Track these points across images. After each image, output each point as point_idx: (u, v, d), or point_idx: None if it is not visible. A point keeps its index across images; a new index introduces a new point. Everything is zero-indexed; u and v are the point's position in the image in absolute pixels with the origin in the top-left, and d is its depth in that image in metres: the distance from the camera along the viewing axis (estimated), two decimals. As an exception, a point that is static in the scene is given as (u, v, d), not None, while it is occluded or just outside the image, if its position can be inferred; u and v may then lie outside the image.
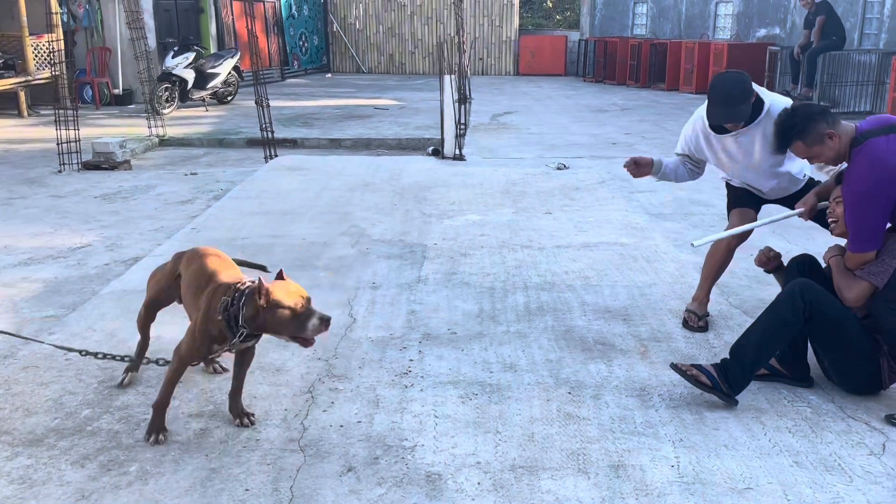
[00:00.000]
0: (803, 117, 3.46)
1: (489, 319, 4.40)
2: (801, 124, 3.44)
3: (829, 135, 3.39)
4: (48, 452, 3.05)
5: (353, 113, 13.79)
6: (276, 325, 2.95)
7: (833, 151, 3.44)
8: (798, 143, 3.47)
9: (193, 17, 16.88)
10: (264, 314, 2.93)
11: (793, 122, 3.48)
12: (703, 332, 4.20)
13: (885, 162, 3.26)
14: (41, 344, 3.84)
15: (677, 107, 14.64)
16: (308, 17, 22.11)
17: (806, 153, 3.51)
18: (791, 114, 3.55)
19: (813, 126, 3.41)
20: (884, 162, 3.27)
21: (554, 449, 3.08)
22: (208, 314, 3.05)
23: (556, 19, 28.52)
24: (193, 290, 3.23)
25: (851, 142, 3.39)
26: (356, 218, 6.57)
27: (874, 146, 3.31)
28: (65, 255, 5.59)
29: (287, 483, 2.85)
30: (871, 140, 3.33)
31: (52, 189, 7.83)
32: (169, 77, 13.23)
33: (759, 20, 16.84)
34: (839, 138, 3.40)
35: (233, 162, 9.72)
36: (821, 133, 3.39)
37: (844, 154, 3.43)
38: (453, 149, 9.35)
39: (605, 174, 8.38)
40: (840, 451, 3.06)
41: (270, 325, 2.96)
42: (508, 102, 15.65)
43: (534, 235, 6.04)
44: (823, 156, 3.47)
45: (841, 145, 3.41)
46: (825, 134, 3.39)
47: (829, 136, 3.39)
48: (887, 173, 3.26)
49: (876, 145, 3.31)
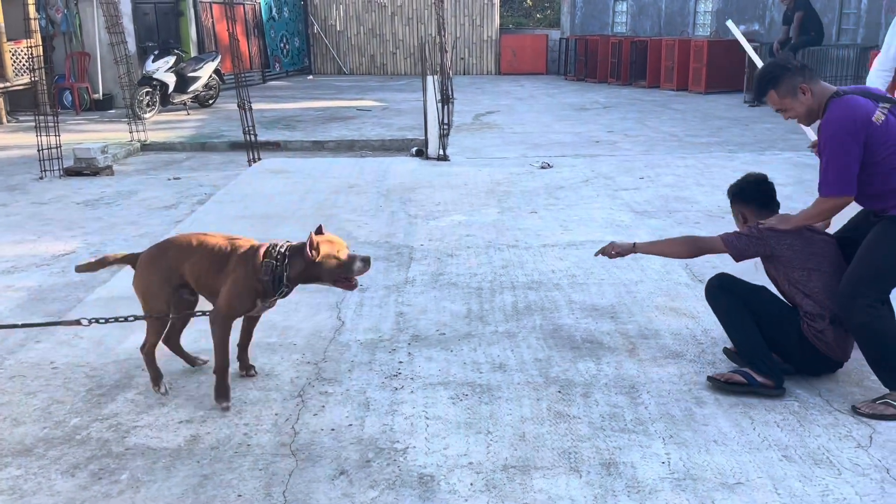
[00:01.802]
0: (778, 67, 3.52)
1: (477, 320, 4.41)
2: (775, 74, 3.49)
3: (802, 89, 3.42)
4: (38, 462, 3.03)
5: (336, 115, 13.77)
6: (324, 274, 3.28)
7: (804, 107, 3.45)
8: (771, 92, 3.50)
9: (173, 21, 16.77)
10: (314, 268, 3.25)
11: (767, 71, 3.54)
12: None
13: (857, 110, 3.29)
14: (53, 331, 3.81)
15: (658, 104, 14.72)
16: (289, 19, 22.04)
17: (778, 104, 3.51)
18: (769, 64, 3.64)
19: (787, 77, 3.45)
20: (856, 110, 3.30)
21: (545, 448, 3.09)
22: (249, 277, 3.28)
23: (536, 18, 28.59)
24: (215, 267, 3.38)
25: (830, 97, 3.40)
26: (342, 220, 6.56)
27: (851, 98, 3.36)
28: (48, 263, 5.55)
29: (279, 488, 2.85)
30: (850, 95, 3.39)
31: (33, 196, 7.77)
32: (150, 81, 13.15)
33: (739, 16, 16.96)
34: (812, 95, 3.42)
35: (216, 166, 9.67)
36: (794, 86, 3.43)
37: (818, 112, 3.44)
38: (437, 149, 9.36)
39: (588, 172, 8.41)
40: (828, 444, 3.09)
41: (319, 275, 3.28)
42: (491, 102, 15.68)
43: (520, 235, 6.05)
44: (794, 110, 3.48)
45: (814, 101, 3.43)
46: (798, 87, 3.42)
47: (801, 90, 3.42)
48: (859, 118, 3.28)
49: (854, 98, 3.36)
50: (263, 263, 3.27)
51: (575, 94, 16.81)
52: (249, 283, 3.29)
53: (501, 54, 22.77)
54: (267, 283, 3.27)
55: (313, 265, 3.24)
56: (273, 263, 3.26)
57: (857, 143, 3.28)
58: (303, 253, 3.23)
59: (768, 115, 12.85)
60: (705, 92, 16.09)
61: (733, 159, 9.02)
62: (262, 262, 3.27)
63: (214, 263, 3.39)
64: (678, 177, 8.11)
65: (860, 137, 3.27)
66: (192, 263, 3.43)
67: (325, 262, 3.24)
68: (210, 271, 3.39)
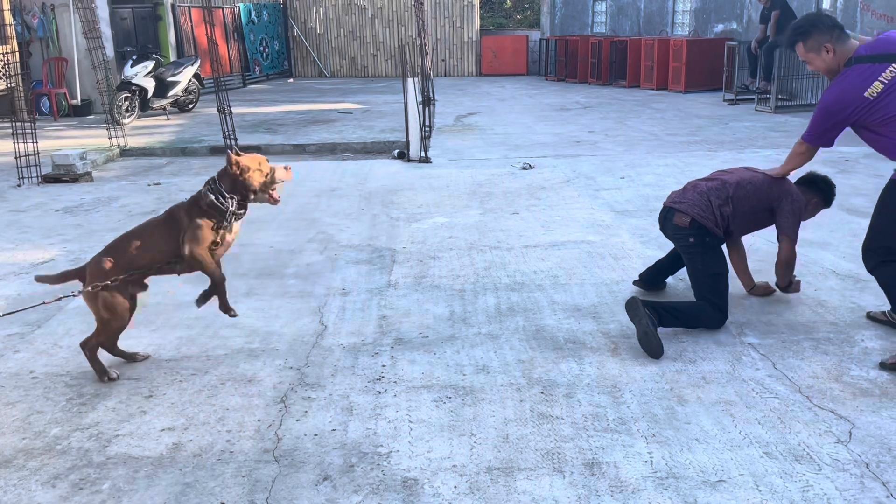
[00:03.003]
0: (809, 23, 3.83)
1: (460, 322, 4.41)
2: (805, 29, 3.82)
3: (826, 48, 3.75)
4: (17, 473, 3.00)
5: (317, 118, 13.73)
6: (251, 184, 3.77)
7: (825, 64, 3.80)
8: (799, 44, 3.84)
9: (151, 25, 16.67)
10: (241, 181, 3.75)
11: (800, 25, 3.86)
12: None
13: (850, 91, 3.69)
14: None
15: (639, 103, 14.79)
16: (268, 23, 21.96)
17: (803, 56, 3.88)
18: (805, 17, 3.95)
19: (816, 34, 3.78)
20: (850, 90, 3.70)
21: (529, 449, 3.10)
22: (198, 211, 3.75)
23: (516, 19, 28.64)
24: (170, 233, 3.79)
25: (846, 62, 3.75)
26: (324, 224, 6.55)
27: (852, 73, 3.70)
28: (27, 271, 5.50)
29: (263, 494, 2.84)
30: (856, 66, 3.70)
31: (11, 203, 7.70)
32: (128, 86, 13.06)
33: (717, 16, 17.08)
34: (834, 56, 3.76)
35: (196, 170, 9.62)
36: (820, 43, 3.76)
37: (836, 72, 3.79)
38: (419, 151, 9.36)
39: (570, 173, 8.44)
40: (808, 440, 3.12)
41: (247, 185, 3.77)
42: (472, 103, 15.69)
43: (502, 236, 6.06)
44: (815, 65, 3.85)
45: (834, 62, 3.78)
46: (823, 46, 3.75)
47: (826, 49, 3.75)
48: (849, 96, 3.70)
49: (855, 72, 3.69)
50: (203, 192, 3.76)
51: (555, 95, 16.86)
52: (204, 218, 3.75)
53: (482, 55, 22.79)
54: (212, 202, 3.73)
55: (240, 177, 3.75)
56: (209, 187, 3.76)
57: (843, 115, 3.76)
58: (227, 171, 3.76)
59: (748, 113, 12.96)
60: (685, 91, 16.19)
61: (713, 158, 9.08)
62: (202, 192, 3.77)
63: (167, 231, 3.79)
64: (658, 176, 8.15)
65: (847, 111, 3.73)
66: (143, 250, 3.75)
67: (249, 173, 3.76)
68: (168, 240, 3.77)
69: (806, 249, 5.40)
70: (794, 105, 13.12)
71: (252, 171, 3.77)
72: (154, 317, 4.48)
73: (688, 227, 4.21)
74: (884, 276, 3.93)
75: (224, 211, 3.75)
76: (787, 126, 11.42)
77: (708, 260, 4.21)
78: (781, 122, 11.83)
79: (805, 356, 3.87)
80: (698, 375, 3.68)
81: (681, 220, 4.25)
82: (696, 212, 4.22)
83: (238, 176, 3.76)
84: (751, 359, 3.85)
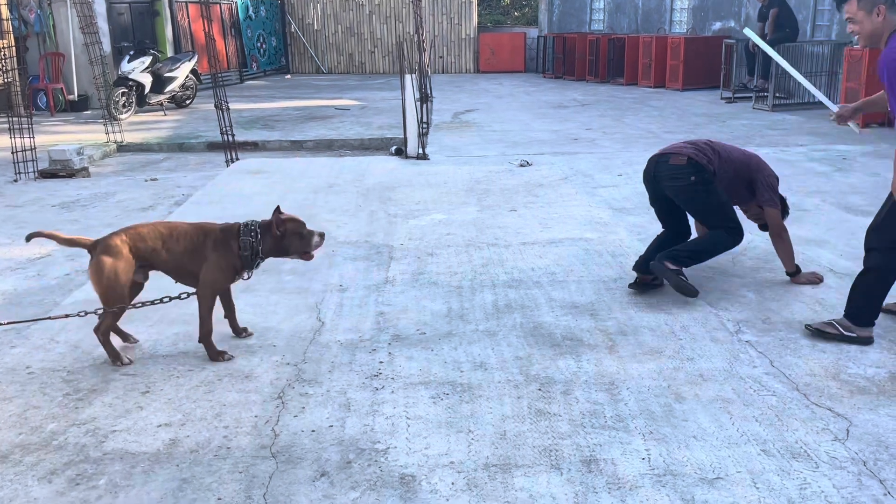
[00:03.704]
0: None
1: (458, 318, 4.41)
2: None
3: (879, 10, 3.72)
4: (13, 469, 2.99)
5: (315, 114, 13.71)
6: (289, 248, 3.86)
7: (871, 26, 3.76)
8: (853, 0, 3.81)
9: (149, 21, 16.64)
10: (281, 243, 3.82)
11: None
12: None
13: None
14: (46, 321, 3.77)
15: (636, 101, 14.79)
16: (265, 19, 21.93)
17: (853, 13, 3.82)
18: None
19: None
20: None
21: (526, 446, 3.09)
22: (229, 256, 3.77)
23: (514, 16, 28.63)
24: (190, 249, 3.79)
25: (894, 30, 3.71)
26: (321, 220, 6.53)
27: None
28: (24, 266, 5.48)
29: (260, 490, 2.83)
30: None
31: (7, 199, 7.68)
32: (125, 82, 13.03)
33: (715, 13, 17.07)
34: (884, 19, 3.72)
35: (193, 166, 9.61)
36: (874, 2, 3.73)
37: (879, 37, 3.76)
38: (416, 148, 9.35)
39: (567, 170, 8.44)
40: (806, 437, 3.12)
41: (286, 249, 3.85)
42: (470, 100, 15.68)
43: (499, 233, 6.06)
44: (862, 24, 3.80)
45: (881, 27, 3.74)
46: (876, 6, 3.72)
47: (878, 10, 3.72)
48: None
49: None
50: (241, 241, 3.76)
51: (553, 92, 16.85)
52: (230, 261, 3.79)
53: (480, 52, 22.79)
54: (246, 257, 3.78)
55: (281, 240, 3.81)
56: (250, 240, 3.77)
57: None
58: (270, 230, 3.80)
59: (745, 111, 12.96)
60: (682, 89, 16.20)
61: (711, 156, 9.07)
62: (240, 241, 3.76)
63: (189, 247, 3.78)
64: (656, 173, 8.14)
65: None
66: (163, 249, 3.77)
67: (290, 237, 3.83)
68: (185, 254, 3.78)
69: (804, 247, 5.40)
70: (792, 103, 13.13)
71: (292, 236, 3.84)
72: (151, 312, 4.47)
73: (685, 164, 4.52)
74: (871, 264, 3.95)
75: (251, 266, 3.84)
76: (785, 124, 11.42)
77: (711, 192, 4.55)
78: (779, 120, 11.83)
79: (802, 354, 3.87)
80: (696, 373, 3.69)
81: (678, 160, 4.57)
82: (690, 151, 4.58)
83: (280, 239, 3.83)
84: (748, 356, 3.85)
